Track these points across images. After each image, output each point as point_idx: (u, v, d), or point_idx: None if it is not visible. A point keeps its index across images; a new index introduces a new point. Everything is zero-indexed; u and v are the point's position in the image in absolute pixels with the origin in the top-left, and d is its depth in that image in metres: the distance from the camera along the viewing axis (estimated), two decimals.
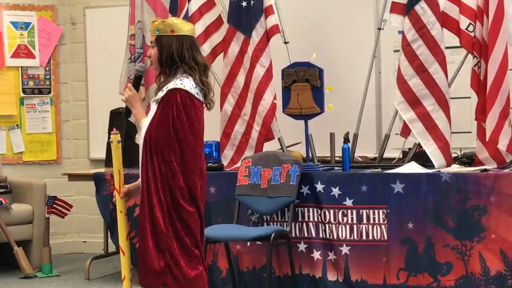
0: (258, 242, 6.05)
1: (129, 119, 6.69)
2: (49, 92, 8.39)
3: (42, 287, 6.87)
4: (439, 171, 5.80)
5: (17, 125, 8.22)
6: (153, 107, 4.36)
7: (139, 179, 4.44)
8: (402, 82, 6.08)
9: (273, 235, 5.65)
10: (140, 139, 4.36)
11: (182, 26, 4.41)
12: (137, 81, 4.57)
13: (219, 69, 6.72)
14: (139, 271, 4.37)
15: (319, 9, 7.17)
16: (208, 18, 6.84)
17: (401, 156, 6.54)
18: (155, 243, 4.27)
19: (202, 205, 4.40)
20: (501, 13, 5.78)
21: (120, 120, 7.14)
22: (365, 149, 6.78)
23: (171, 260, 4.27)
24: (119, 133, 4.44)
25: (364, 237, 5.84)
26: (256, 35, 6.55)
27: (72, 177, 7.54)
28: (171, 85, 4.31)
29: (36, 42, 8.29)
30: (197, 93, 4.33)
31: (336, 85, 6.33)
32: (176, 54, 4.34)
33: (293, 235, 6.01)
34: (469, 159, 6.10)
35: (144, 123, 4.36)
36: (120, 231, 4.45)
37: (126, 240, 4.44)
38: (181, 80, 4.32)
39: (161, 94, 4.32)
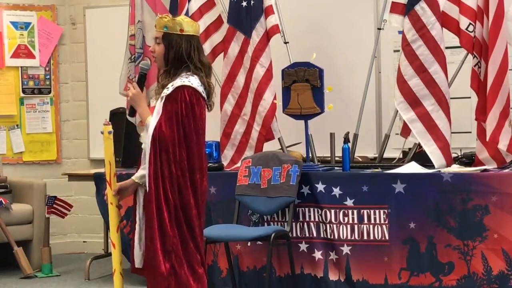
0: (259, 242, 6.06)
1: (130, 119, 6.80)
2: (49, 92, 8.40)
3: (42, 287, 6.87)
4: (440, 171, 5.81)
5: (17, 125, 8.22)
6: (158, 105, 4.31)
7: (133, 177, 4.40)
8: (402, 82, 6.09)
9: (273, 235, 5.65)
10: (147, 137, 4.30)
11: (190, 26, 4.37)
12: (141, 79, 4.53)
13: (219, 69, 6.72)
14: (146, 272, 4.35)
15: (319, 9, 7.18)
16: (208, 18, 6.84)
17: (401, 156, 6.54)
18: (162, 244, 4.23)
19: (203, 207, 4.39)
20: (501, 13, 5.78)
21: (120, 120, 7.17)
22: (365, 149, 6.79)
23: (176, 261, 4.25)
24: (110, 124, 4.42)
25: (365, 237, 5.84)
26: (256, 35, 6.55)
27: (72, 177, 7.55)
28: (177, 82, 4.27)
29: (36, 42, 8.29)
30: (203, 91, 4.32)
31: (336, 85, 6.34)
32: (185, 55, 4.32)
33: (294, 235, 6.01)
34: (469, 159, 6.10)
35: (151, 121, 4.32)
36: (111, 224, 4.43)
37: (116, 233, 4.42)
38: (187, 78, 4.29)
39: (166, 92, 4.27)
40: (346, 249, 5.89)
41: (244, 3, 6.58)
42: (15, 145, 8.20)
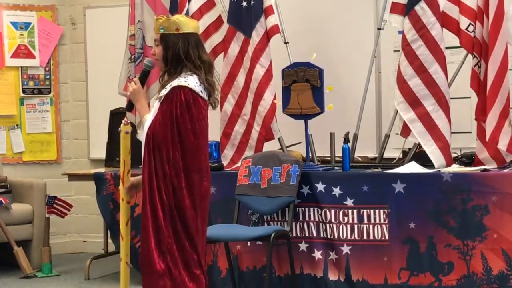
0: (258, 242, 6.06)
1: (129, 118, 6.79)
2: (49, 92, 8.40)
3: (42, 287, 6.87)
4: (440, 171, 5.81)
5: (17, 125, 8.22)
6: (156, 105, 4.32)
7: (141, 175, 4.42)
8: (402, 82, 6.09)
9: (273, 235, 5.65)
10: (142, 135, 4.33)
11: (187, 24, 4.36)
12: (144, 76, 4.54)
13: (219, 69, 6.71)
14: (141, 271, 4.37)
15: (319, 9, 7.18)
16: (208, 18, 6.84)
17: (401, 156, 6.54)
18: (156, 243, 4.24)
19: (204, 207, 4.37)
20: (501, 13, 5.78)
21: (120, 120, 7.15)
22: (365, 149, 6.79)
23: (171, 262, 4.24)
24: (129, 125, 4.47)
25: (365, 237, 5.84)
26: (256, 35, 6.55)
27: (72, 177, 7.55)
28: (174, 82, 4.27)
29: (36, 42, 8.29)
30: (201, 91, 4.29)
31: (336, 85, 6.34)
32: (182, 53, 4.30)
33: (294, 235, 6.01)
34: (469, 159, 6.10)
35: (147, 119, 4.33)
36: (122, 219, 4.48)
37: (125, 226, 4.46)
38: (185, 78, 4.28)
39: (164, 92, 4.28)
40: (346, 249, 5.89)
41: (244, 3, 6.58)
42: (15, 145, 8.20)
